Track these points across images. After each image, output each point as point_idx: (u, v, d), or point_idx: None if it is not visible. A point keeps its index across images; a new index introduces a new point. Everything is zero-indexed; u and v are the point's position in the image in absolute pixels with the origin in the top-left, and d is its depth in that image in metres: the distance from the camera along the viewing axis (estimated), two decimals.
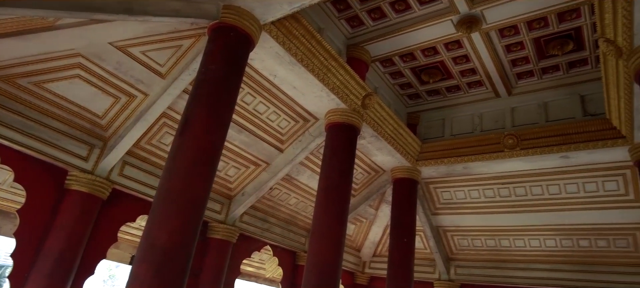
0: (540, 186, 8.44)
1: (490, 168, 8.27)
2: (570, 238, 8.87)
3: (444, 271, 10.28)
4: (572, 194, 8.21)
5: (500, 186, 8.86)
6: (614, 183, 7.70)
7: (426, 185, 9.71)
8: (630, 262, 8.38)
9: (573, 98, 7.58)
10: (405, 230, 8.23)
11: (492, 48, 7.27)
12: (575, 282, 8.82)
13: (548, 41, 7.00)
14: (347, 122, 6.92)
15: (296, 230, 9.67)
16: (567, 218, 8.53)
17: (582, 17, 6.38)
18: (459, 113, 9.00)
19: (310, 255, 6.06)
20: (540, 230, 9.08)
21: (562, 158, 7.33)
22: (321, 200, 6.41)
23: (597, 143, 6.79)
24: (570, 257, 9.01)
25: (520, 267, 9.56)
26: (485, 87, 8.43)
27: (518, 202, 8.88)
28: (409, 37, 7.22)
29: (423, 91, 8.96)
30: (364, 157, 8.83)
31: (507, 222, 9.29)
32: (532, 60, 7.50)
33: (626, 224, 8.03)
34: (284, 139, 7.81)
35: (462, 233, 10.11)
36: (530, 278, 9.34)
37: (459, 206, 9.67)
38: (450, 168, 8.56)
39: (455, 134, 8.84)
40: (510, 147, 7.67)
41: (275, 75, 6.33)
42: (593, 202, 8.07)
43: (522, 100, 8.19)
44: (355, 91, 6.92)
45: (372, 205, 10.53)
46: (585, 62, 7.36)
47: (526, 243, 9.45)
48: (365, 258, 11.67)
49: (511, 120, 8.22)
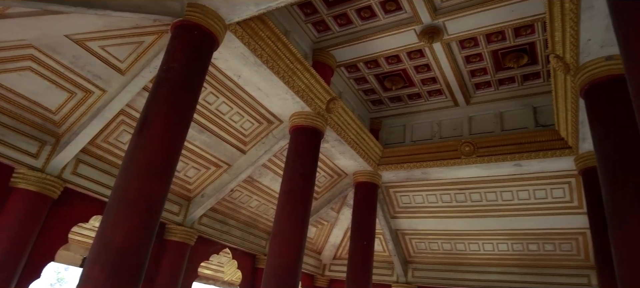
0: (494, 192, 8.81)
1: (447, 174, 8.55)
2: (521, 243, 9.31)
3: (402, 273, 10.51)
4: (523, 200, 8.63)
5: (456, 191, 9.18)
6: (561, 190, 8.16)
7: (386, 189, 9.89)
8: (574, 265, 8.92)
9: (526, 109, 7.97)
10: (366, 233, 8.35)
11: (452, 58, 7.53)
12: (525, 284, 9.27)
13: (505, 54, 7.34)
14: (311, 126, 6.94)
15: (257, 232, 9.57)
16: (518, 224, 8.95)
17: (536, 33, 6.74)
18: (419, 120, 9.24)
19: (270, 258, 6.03)
20: (493, 234, 9.48)
21: (515, 166, 7.70)
22: (283, 203, 6.39)
23: (547, 152, 7.18)
24: (521, 260, 9.47)
25: (474, 270, 9.93)
26: (444, 95, 8.71)
27: (473, 207, 9.23)
28: (374, 45, 7.34)
29: (386, 97, 9.14)
30: (327, 160, 8.89)
31: (463, 227, 9.63)
32: (489, 71, 7.83)
33: (571, 229, 8.54)
34: (247, 140, 7.73)
35: (419, 236, 10.38)
36: (484, 281, 9.72)
37: (417, 210, 9.92)
38: (409, 173, 8.77)
39: (416, 140, 9.07)
40: (467, 154, 7.96)
41: (240, 76, 6.26)
42: (542, 208, 8.52)
43: (479, 109, 8.52)
44: (320, 95, 6.96)
45: (334, 208, 10.61)
46: (538, 76, 7.77)
47: (480, 247, 9.83)
48: (326, 260, 11.73)
49: (469, 128, 8.54)
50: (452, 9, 6.42)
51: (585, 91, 4.91)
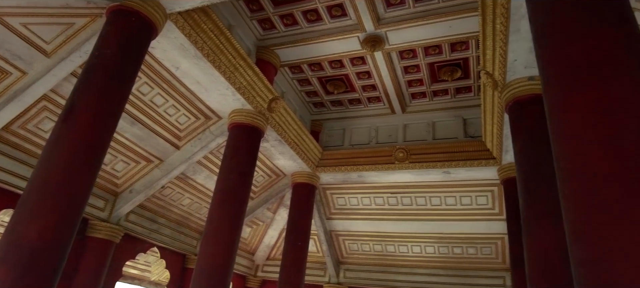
0: (424, 197, 9.25)
1: (382, 178, 8.83)
2: (446, 246, 9.87)
3: (334, 274, 10.69)
4: (450, 206, 9.16)
5: (389, 195, 9.51)
6: (485, 198, 8.78)
7: (323, 191, 10.01)
8: (492, 267, 9.63)
9: (457, 120, 8.47)
10: (301, 234, 8.37)
11: (392, 68, 7.80)
12: (449, 285, 9.84)
13: (440, 67, 7.74)
14: (251, 124, 6.82)
15: (188, 232, 9.22)
16: (445, 228, 9.48)
17: (470, 49, 7.18)
18: (358, 125, 9.46)
19: (200, 258, 5.83)
20: (422, 237, 9.95)
21: (445, 173, 8.14)
22: (217, 202, 6.21)
23: (474, 162, 7.68)
24: (446, 262, 10.03)
25: (403, 271, 10.35)
26: (383, 103, 8.99)
27: (404, 210, 9.62)
28: (318, 48, 7.39)
29: (328, 101, 9.24)
30: (266, 160, 8.79)
31: (394, 229, 10.00)
32: (425, 82, 8.22)
33: (492, 234, 9.21)
34: (182, 135, 7.42)
35: (352, 237, 10.62)
36: (412, 282, 10.17)
37: (351, 212, 10.15)
38: (346, 175, 8.95)
39: (354, 144, 9.28)
40: (401, 160, 8.28)
41: (178, 68, 5.99)
42: (467, 214, 9.11)
43: (414, 118, 8.91)
44: (262, 93, 6.87)
45: (270, 209, 10.52)
46: (470, 90, 8.29)
47: (409, 249, 10.27)
48: (259, 261, 11.60)
49: (403, 135, 8.89)
50: (394, 20, 6.64)
51: (510, 107, 5.31)
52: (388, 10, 6.55)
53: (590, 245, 2.11)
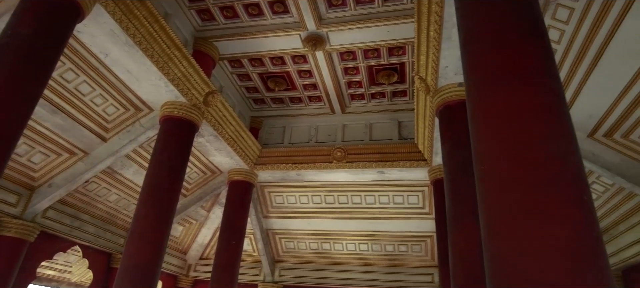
0: (359, 196, 9.47)
1: (320, 176, 8.92)
2: (379, 244, 10.18)
3: (269, 273, 10.61)
4: (384, 205, 9.45)
5: (327, 193, 9.63)
6: (416, 197, 9.16)
7: (261, 189, 9.90)
8: (422, 264, 10.09)
9: (393, 123, 8.76)
10: (236, 233, 8.21)
11: (332, 68, 7.89)
12: (381, 282, 10.17)
13: (378, 70, 7.96)
14: (185, 117, 6.57)
15: (114, 229, 8.70)
16: (378, 226, 9.78)
17: (406, 54, 7.45)
18: (298, 123, 9.47)
19: (125, 257, 5.52)
20: (356, 235, 10.18)
21: (379, 173, 8.39)
22: (145, 198, 5.91)
23: (407, 163, 7.99)
24: (379, 259, 10.35)
25: (338, 269, 10.52)
26: (323, 102, 9.08)
27: (340, 209, 9.79)
28: (260, 43, 7.30)
29: (268, 97, 9.15)
30: (201, 156, 8.52)
31: (330, 227, 10.14)
32: (364, 84, 8.41)
33: (422, 232, 9.64)
34: (110, 127, 6.98)
35: (289, 236, 10.62)
36: (346, 279, 10.37)
37: (289, 210, 10.14)
38: (285, 174, 8.92)
39: (293, 143, 9.27)
40: (338, 159, 8.41)
41: (107, 55, 5.62)
42: (399, 213, 9.46)
43: (352, 119, 9.09)
44: (197, 86, 6.64)
45: (204, 207, 10.22)
46: (405, 94, 8.60)
47: (344, 247, 10.47)
48: (192, 261, 11.23)
49: (342, 135, 9.04)
50: (335, 21, 6.72)
51: (440, 111, 5.58)
52: (330, 10, 6.61)
53: (501, 242, 2.25)
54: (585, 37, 4.28)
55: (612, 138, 5.26)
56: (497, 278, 2.26)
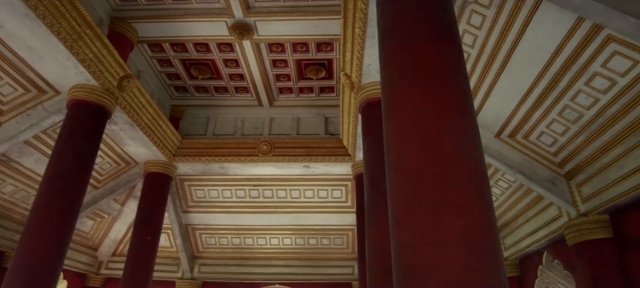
0: (285, 190, 9.43)
1: (245, 170, 8.73)
2: (303, 238, 10.24)
3: (188, 269, 10.21)
4: (308, 199, 9.51)
5: (251, 187, 9.46)
6: (339, 191, 9.33)
7: (181, 182, 9.47)
8: (343, 257, 10.33)
9: (320, 118, 8.83)
10: (152, 228, 7.76)
11: (260, 59, 7.74)
12: (303, 275, 10.23)
13: (307, 65, 7.96)
14: (96, 102, 6.04)
15: (9, 224, 7.81)
16: (302, 220, 9.82)
17: (334, 51, 7.53)
18: (223, 114, 9.19)
19: (18, 254, 4.95)
20: (280, 230, 10.14)
21: (305, 167, 8.41)
22: (46, 189, 5.35)
23: (331, 158, 8.10)
24: (301, 253, 10.40)
25: (260, 264, 10.41)
26: (250, 94, 8.89)
27: (265, 203, 9.67)
28: (183, 27, 6.94)
29: (191, 86, 8.76)
30: (114, 145, 7.93)
31: (254, 222, 9.99)
32: (292, 78, 8.37)
33: (344, 226, 9.85)
34: (5, 109, 6.23)
35: (210, 231, 10.29)
36: (268, 274, 10.29)
37: (211, 205, 9.81)
38: (207, 166, 8.61)
39: (217, 134, 8.97)
40: (265, 152, 8.30)
41: (2, 27, 4.99)
42: (323, 207, 9.57)
43: (280, 112, 9.01)
44: (111, 69, 6.14)
45: (118, 200, 9.55)
46: (333, 90, 8.70)
47: (267, 241, 10.37)
48: (103, 258, 10.45)
49: (269, 128, 8.93)
50: (264, 11, 6.59)
51: (363, 108, 5.70)
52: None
53: (405, 231, 2.32)
54: (495, 43, 4.61)
55: (515, 138, 5.74)
56: (401, 266, 2.32)
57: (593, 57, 4.08)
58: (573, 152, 5.21)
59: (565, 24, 3.96)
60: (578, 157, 5.19)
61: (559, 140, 5.27)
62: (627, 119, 4.33)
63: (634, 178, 4.44)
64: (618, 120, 4.43)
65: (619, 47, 3.86)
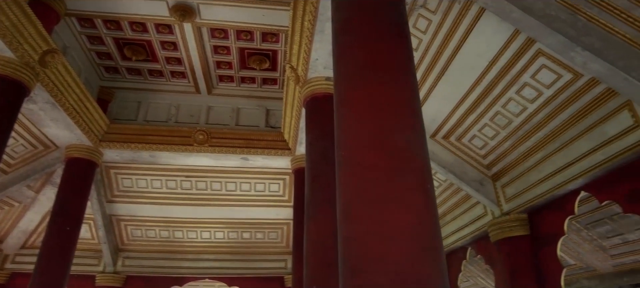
0: (220, 182, 9.16)
1: (177, 160, 8.34)
2: (236, 231, 10.02)
3: (110, 263, 9.54)
4: (245, 192, 9.32)
5: (183, 179, 9.06)
6: (277, 185, 9.26)
7: (106, 170, 8.81)
8: (277, 251, 10.29)
9: (260, 110, 8.68)
10: (71, 218, 7.12)
11: (201, 44, 7.43)
12: (234, 270, 10.02)
13: (250, 54, 7.78)
14: (11, 77, 5.40)
15: None
16: (237, 213, 9.60)
17: (280, 42, 7.43)
18: (157, 99, 8.70)
19: None
20: (212, 223, 9.84)
21: (243, 159, 8.23)
22: None
23: (271, 151, 8.00)
24: (234, 247, 10.18)
25: (189, 258, 10.02)
26: (188, 80, 8.51)
27: (198, 195, 9.31)
28: (119, 3, 6.46)
29: (124, 67, 8.18)
30: (31, 126, 7.17)
31: (185, 214, 9.59)
32: (234, 67, 8.13)
33: (280, 220, 9.80)
34: None
35: (137, 223, 9.70)
36: (198, 268, 9.94)
37: (138, 195, 9.25)
38: (136, 154, 8.09)
39: (149, 120, 8.48)
40: (200, 142, 7.99)
41: None
42: (260, 200, 9.43)
43: (219, 101, 8.72)
44: (32, 41, 5.53)
45: (32, 187, 8.64)
46: (275, 82, 8.60)
47: (198, 235, 10.02)
48: (10, 250, 9.43)
49: (206, 117, 8.60)
50: None
51: (307, 102, 5.67)
52: None
53: (354, 224, 2.35)
54: (438, 48, 4.83)
55: (449, 140, 6.08)
56: (348, 259, 2.34)
57: (524, 68, 4.44)
58: (500, 155, 5.63)
59: (503, 35, 4.25)
60: (504, 161, 5.61)
61: (489, 143, 5.67)
62: (549, 128, 4.76)
63: (550, 181, 4.90)
64: (541, 128, 4.86)
65: (547, 61, 4.23)
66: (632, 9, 3.33)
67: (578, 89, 4.24)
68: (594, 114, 4.19)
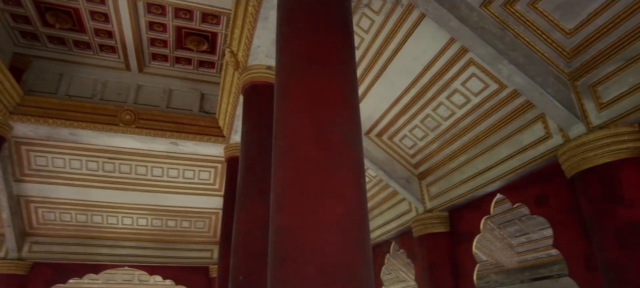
0: (145, 167, 8.69)
1: (100, 140, 7.77)
2: (161, 218, 9.59)
3: (14, 248, 8.66)
4: (172, 178, 8.93)
5: (106, 160, 8.48)
6: (208, 173, 8.99)
7: (17, 146, 7.97)
8: (203, 240, 10.03)
9: (195, 93, 8.34)
10: None
11: (135, 18, 6.97)
12: (157, 258, 9.60)
13: (188, 34, 7.43)
14: None
15: None
16: (162, 200, 9.19)
17: (220, 25, 7.18)
18: (82, 73, 8.02)
19: None
20: (136, 208, 9.32)
21: (172, 144, 7.86)
22: None
23: (204, 137, 7.73)
24: (157, 235, 9.74)
25: (108, 244, 9.42)
26: (118, 55, 7.94)
27: (121, 179, 8.76)
28: None
29: (44, 34, 7.42)
30: None
31: (105, 198, 8.99)
32: (170, 45, 7.73)
33: (208, 209, 9.54)
34: None
35: (50, 205, 8.91)
36: (116, 255, 9.38)
37: (54, 175, 8.49)
38: (54, 130, 7.40)
39: (71, 95, 7.79)
40: (127, 122, 7.51)
41: None
42: (188, 188, 9.09)
43: (150, 80, 8.24)
44: None
45: None
46: (213, 66, 8.30)
47: (119, 220, 9.45)
48: None
49: (135, 97, 8.09)
50: None
51: (246, 90, 5.55)
52: None
53: (287, 215, 2.35)
54: (378, 49, 4.96)
55: (381, 138, 6.29)
56: (278, 248, 2.34)
57: (456, 76, 4.71)
58: (427, 156, 5.94)
59: (439, 42, 4.47)
60: (431, 161, 5.93)
61: (418, 144, 5.95)
62: (473, 133, 5.11)
63: (470, 183, 5.26)
64: (466, 133, 5.19)
65: (477, 70, 4.53)
66: (551, 31, 3.67)
67: (502, 99, 4.59)
68: (514, 123, 4.58)
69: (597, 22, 3.46)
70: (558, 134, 4.01)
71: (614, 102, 3.45)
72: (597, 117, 3.58)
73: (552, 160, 4.12)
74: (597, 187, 3.48)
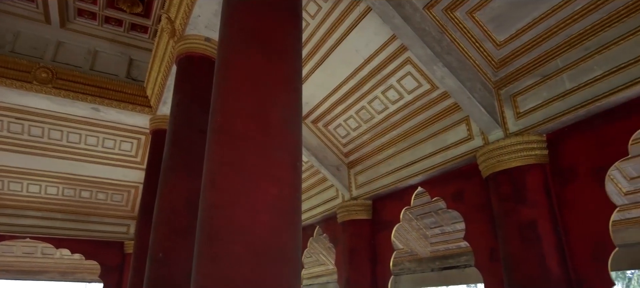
0: (60, 131, 7.96)
1: (8, 97, 6.96)
2: (74, 188, 8.90)
3: None
4: (90, 146, 8.29)
5: (13, 120, 7.62)
6: (129, 144, 8.46)
7: None
8: (119, 215, 9.52)
9: (123, 58, 7.76)
10: None
11: None
12: (65, 230, 8.94)
13: None
14: None
15: None
16: (77, 169, 8.52)
17: None
18: None
19: None
20: (45, 176, 8.55)
21: (93, 109, 7.28)
22: None
23: (129, 105, 7.25)
24: (68, 206, 9.04)
25: (8, 213, 8.57)
26: (36, 5, 7.11)
27: (30, 142, 7.95)
28: None
29: None
30: None
31: (9, 162, 8.12)
32: (100, 3, 7.09)
33: (127, 182, 9.03)
34: None
35: None
36: (18, 226, 8.57)
37: None
38: None
39: None
40: (42, 81, 6.81)
41: None
42: (107, 158, 8.50)
43: (73, 38, 7.50)
44: None
45: None
46: (146, 31, 7.75)
47: (24, 188, 8.60)
48: None
49: (53, 54, 7.31)
50: None
51: (180, 60, 5.27)
52: None
53: (219, 193, 2.32)
54: (322, 36, 4.97)
55: (317, 125, 6.36)
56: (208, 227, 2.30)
57: (393, 72, 4.89)
58: (358, 146, 6.13)
59: (382, 37, 4.60)
60: (361, 151, 6.13)
61: (351, 134, 6.11)
62: (402, 128, 5.36)
63: (395, 175, 5.53)
64: (396, 128, 5.43)
65: (412, 69, 4.74)
66: (484, 41, 3.95)
67: (432, 99, 4.87)
68: (440, 123, 4.88)
69: (524, 38, 3.79)
70: (479, 137, 4.35)
71: (529, 113, 3.82)
72: (514, 125, 3.94)
73: (471, 160, 4.46)
74: (507, 187, 3.85)
